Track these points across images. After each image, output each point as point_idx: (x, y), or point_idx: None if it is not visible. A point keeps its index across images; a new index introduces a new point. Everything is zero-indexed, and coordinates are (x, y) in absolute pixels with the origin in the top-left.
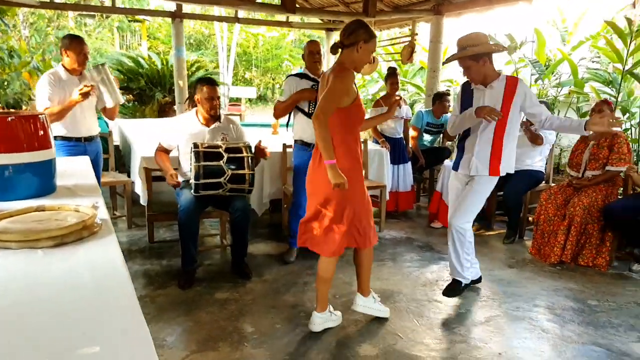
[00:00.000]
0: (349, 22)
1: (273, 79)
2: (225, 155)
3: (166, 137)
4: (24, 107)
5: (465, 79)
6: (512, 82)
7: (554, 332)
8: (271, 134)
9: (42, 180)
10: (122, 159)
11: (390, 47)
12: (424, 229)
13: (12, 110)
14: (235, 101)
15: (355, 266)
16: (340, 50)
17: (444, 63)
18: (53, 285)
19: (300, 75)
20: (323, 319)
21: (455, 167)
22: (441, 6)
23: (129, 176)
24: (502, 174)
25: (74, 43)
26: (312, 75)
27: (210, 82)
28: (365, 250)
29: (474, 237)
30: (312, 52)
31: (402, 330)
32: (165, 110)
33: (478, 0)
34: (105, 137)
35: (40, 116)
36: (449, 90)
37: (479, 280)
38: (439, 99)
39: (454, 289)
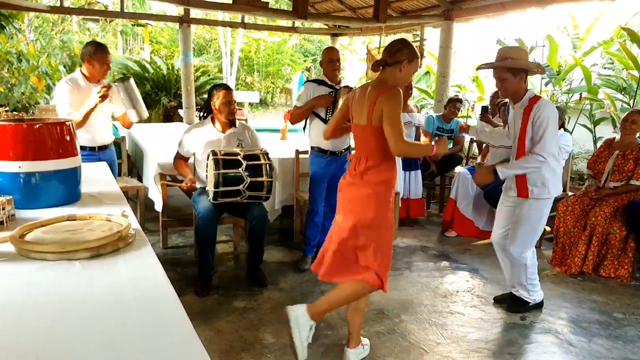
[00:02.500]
0: (393, 40)
1: (273, 84)
2: (244, 163)
3: (183, 144)
4: (36, 112)
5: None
6: (530, 105)
7: (582, 346)
8: (280, 139)
9: (69, 188)
10: (133, 164)
11: None
12: (438, 237)
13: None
14: (238, 106)
15: (348, 310)
16: (382, 68)
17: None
18: (98, 302)
19: (318, 82)
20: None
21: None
22: (451, 11)
23: (140, 181)
24: (532, 196)
25: (99, 52)
26: (330, 82)
27: (226, 87)
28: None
29: (536, 259)
30: (331, 60)
31: (426, 344)
32: (171, 115)
33: (489, 5)
34: (118, 143)
35: (66, 123)
36: (458, 96)
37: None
38: (452, 103)
39: (518, 304)
